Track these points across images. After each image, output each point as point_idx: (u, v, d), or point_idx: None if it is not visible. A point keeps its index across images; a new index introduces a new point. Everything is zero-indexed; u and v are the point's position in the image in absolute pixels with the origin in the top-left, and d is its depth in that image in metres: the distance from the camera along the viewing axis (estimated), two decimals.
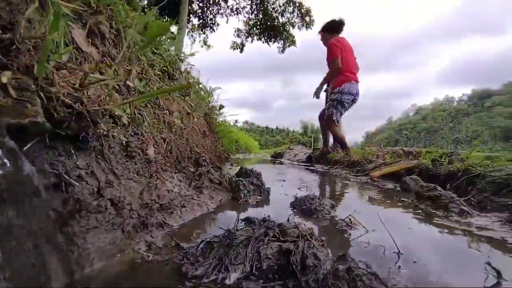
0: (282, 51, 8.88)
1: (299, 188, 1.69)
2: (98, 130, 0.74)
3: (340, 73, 3.27)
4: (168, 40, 1.81)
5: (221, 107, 4.43)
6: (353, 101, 3.39)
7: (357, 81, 3.32)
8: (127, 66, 1.08)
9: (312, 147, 5.96)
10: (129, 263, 0.57)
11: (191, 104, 2.18)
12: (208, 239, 0.61)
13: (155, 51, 1.61)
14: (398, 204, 1.41)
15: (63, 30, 0.71)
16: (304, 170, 3.42)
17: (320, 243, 0.59)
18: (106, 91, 0.83)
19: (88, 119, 0.64)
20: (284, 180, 2.12)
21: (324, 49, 3.57)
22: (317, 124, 4.45)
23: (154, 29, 1.10)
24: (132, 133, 1.00)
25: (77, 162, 0.64)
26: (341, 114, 3.40)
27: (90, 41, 0.98)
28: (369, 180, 2.33)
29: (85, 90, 0.67)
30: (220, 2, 8.54)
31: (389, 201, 1.47)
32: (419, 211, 1.22)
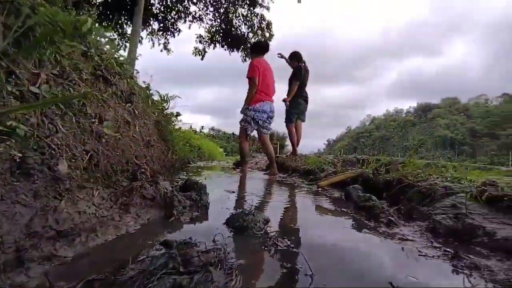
0: (245, 60, 8.96)
1: (245, 201, 1.64)
2: None
3: (256, 92, 3.50)
4: (103, 41, 1.66)
5: (178, 114, 4.26)
6: (268, 118, 3.65)
7: (271, 101, 3.63)
8: (34, 70, 0.93)
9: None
10: None
11: (135, 111, 2.03)
12: (90, 277, 0.52)
13: (90, 52, 1.46)
14: (336, 214, 1.44)
15: None
16: (260, 179, 3.41)
17: (226, 272, 0.53)
18: None
19: None
20: (233, 192, 2.06)
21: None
22: (282, 131, 5.03)
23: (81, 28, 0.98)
24: (35, 147, 0.86)
25: None
26: (250, 128, 3.64)
27: None
28: (319, 189, 2.38)
29: None
30: (180, 8, 8.35)
31: (329, 212, 1.50)
32: (353, 222, 1.25)
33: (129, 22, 6.81)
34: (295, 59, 4.76)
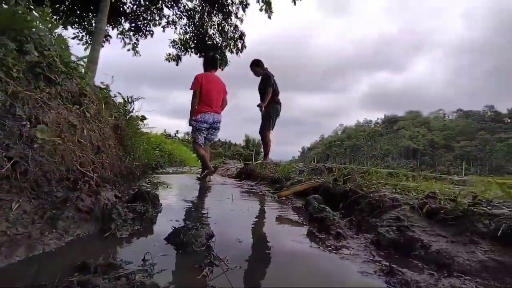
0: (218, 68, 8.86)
1: (199, 212, 1.57)
2: None
3: (199, 104, 3.74)
4: (50, 36, 1.51)
5: (143, 118, 4.07)
6: (212, 127, 3.90)
7: (214, 112, 3.82)
8: None
9: (243, 162, 5.98)
10: None
11: (86, 113, 1.87)
12: None
13: (25, 47, 1.31)
14: (290, 226, 1.42)
15: None
16: (228, 187, 3.33)
17: None
18: None
19: None
20: (191, 201, 1.98)
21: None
22: (258, 138, 5.06)
23: (4, 20, 0.88)
24: None
25: None
26: (199, 137, 3.85)
27: None
28: (283, 199, 2.37)
29: None
30: (154, 10, 8.12)
31: (283, 224, 1.48)
32: (304, 234, 1.24)
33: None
34: (259, 67, 4.81)
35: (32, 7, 1.66)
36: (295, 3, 7.68)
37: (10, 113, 1.14)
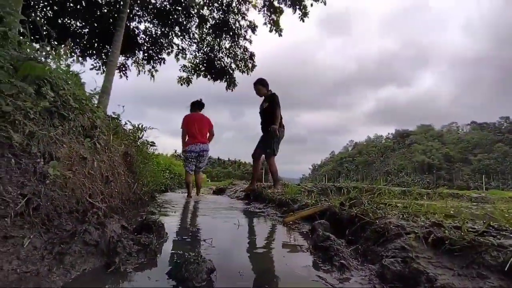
0: (229, 89, 9.19)
1: (204, 241, 1.57)
2: None
3: (187, 138, 4.72)
4: (65, 77, 1.65)
5: (152, 143, 4.20)
6: (199, 155, 4.74)
7: (200, 143, 4.66)
8: None
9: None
10: None
11: (97, 144, 1.97)
12: None
13: (43, 90, 1.43)
14: (294, 256, 1.41)
15: None
16: (235, 210, 3.32)
17: None
18: None
19: None
20: (199, 229, 1.99)
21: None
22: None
23: (26, 69, 0.96)
24: None
25: None
26: (188, 165, 4.76)
27: None
28: (289, 223, 2.34)
29: None
30: (164, 41, 8.63)
31: (287, 253, 1.46)
32: (308, 265, 1.22)
33: None
34: (264, 86, 4.67)
35: (53, 48, 1.83)
36: (303, 20, 7.99)
37: (26, 152, 1.23)
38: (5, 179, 1.05)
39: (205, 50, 9.13)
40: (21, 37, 1.48)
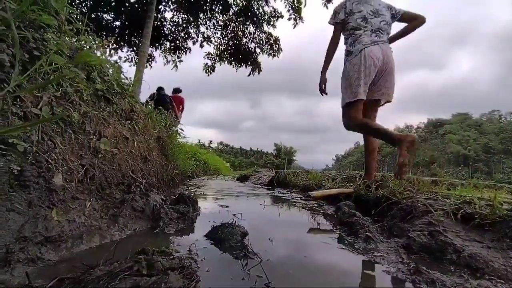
0: (251, 74, 9.26)
1: (234, 215, 1.69)
2: None
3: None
4: (108, 65, 1.81)
5: (181, 130, 4.43)
6: None
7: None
8: (37, 93, 1.06)
9: (275, 171, 6.05)
10: None
11: (136, 127, 2.15)
12: (62, 276, 0.59)
13: (92, 75, 1.60)
14: (319, 230, 1.47)
15: None
16: (259, 194, 3.44)
17: (185, 277, 0.59)
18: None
19: None
20: (227, 206, 2.12)
21: None
22: (288, 146, 5.11)
23: (82, 57, 1.11)
24: (33, 161, 0.96)
25: None
26: None
27: None
28: (314, 206, 2.40)
29: None
30: (190, 30, 8.81)
31: (312, 227, 1.53)
32: (333, 236, 1.28)
33: None
34: None
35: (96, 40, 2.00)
36: (327, 7, 7.73)
37: (81, 129, 1.40)
38: (68, 151, 1.23)
39: (229, 36, 9.18)
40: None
